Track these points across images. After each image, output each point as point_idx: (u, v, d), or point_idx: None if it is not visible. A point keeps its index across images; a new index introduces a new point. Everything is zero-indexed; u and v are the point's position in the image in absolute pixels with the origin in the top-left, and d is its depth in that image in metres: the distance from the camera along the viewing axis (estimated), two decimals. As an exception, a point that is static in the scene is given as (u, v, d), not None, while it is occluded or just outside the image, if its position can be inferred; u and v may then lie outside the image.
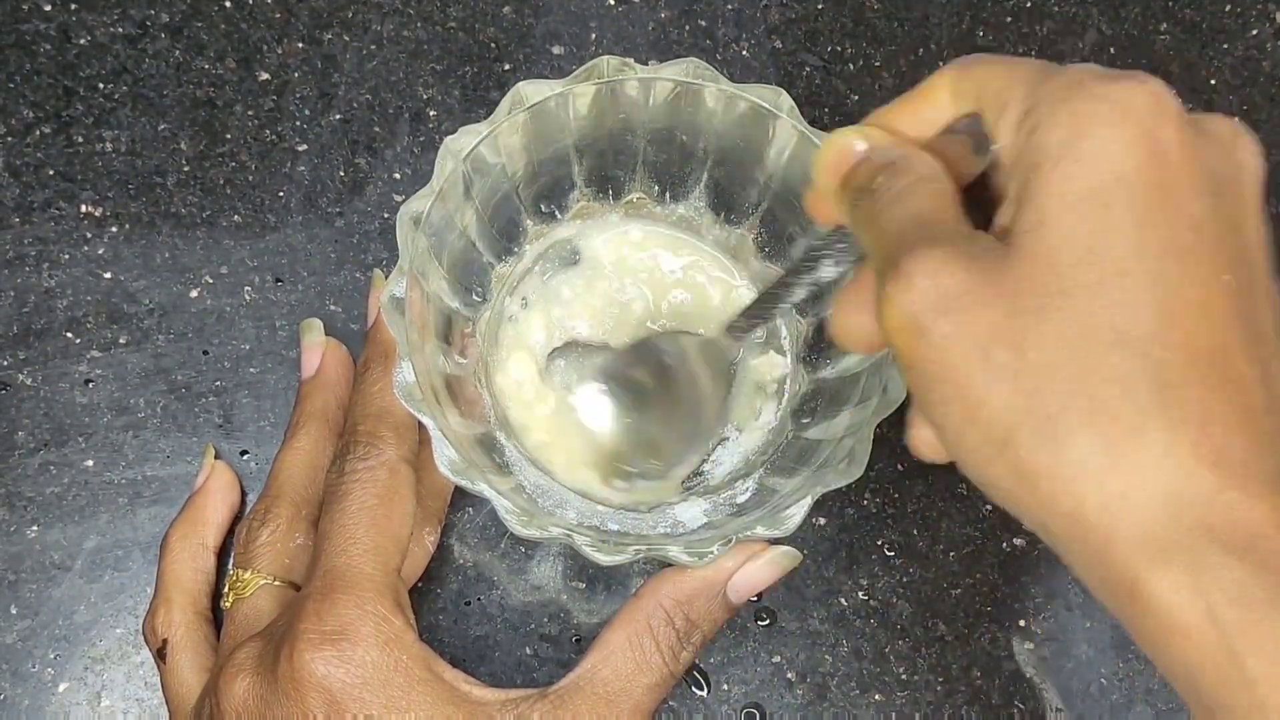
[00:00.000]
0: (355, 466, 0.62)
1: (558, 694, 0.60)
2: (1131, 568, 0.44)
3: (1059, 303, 0.45)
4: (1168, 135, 0.46)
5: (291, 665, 0.57)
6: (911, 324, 0.47)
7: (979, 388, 0.46)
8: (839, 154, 0.54)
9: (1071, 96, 0.47)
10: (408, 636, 0.59)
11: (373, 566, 0.60)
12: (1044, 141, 0.47)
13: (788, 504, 0.60)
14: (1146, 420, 0.44)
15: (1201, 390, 0.44)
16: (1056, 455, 0.45)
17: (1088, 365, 0.44)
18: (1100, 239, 0.45)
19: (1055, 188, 0.46)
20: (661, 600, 0.62)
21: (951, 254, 0.47)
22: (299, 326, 0.74)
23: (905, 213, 0.50)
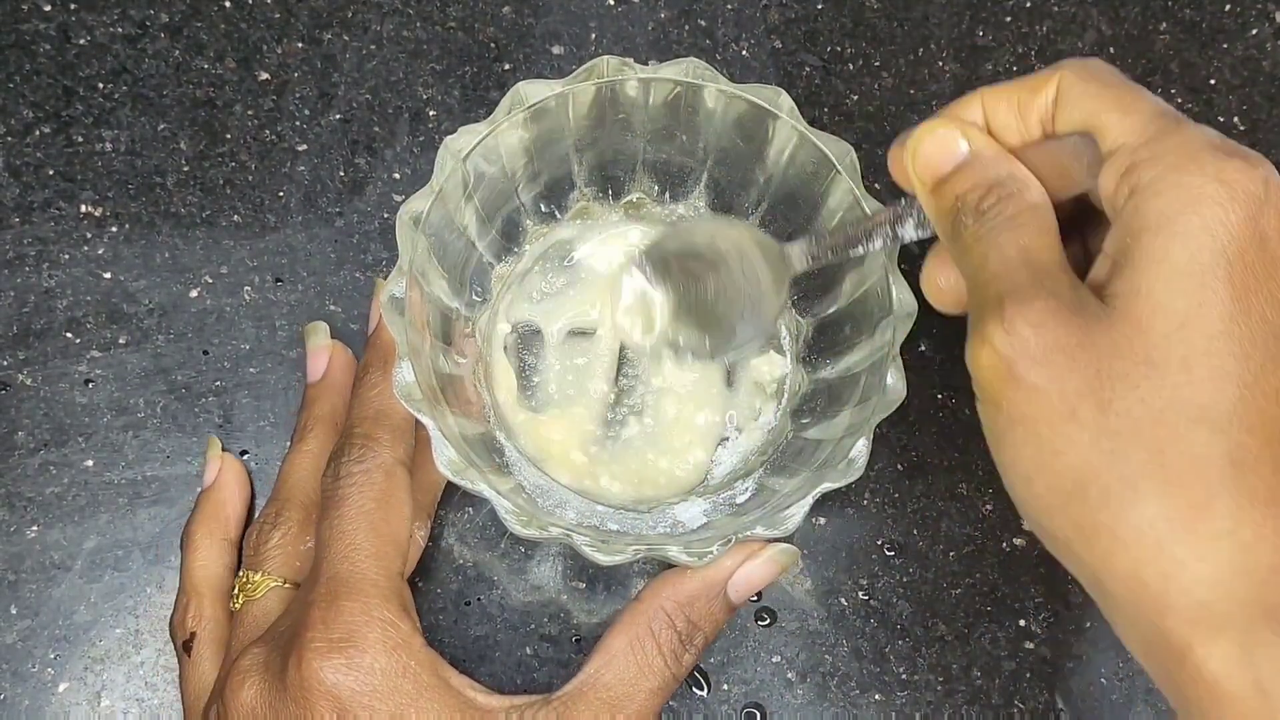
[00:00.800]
0: (351, 470, 0.62)
1: (561, 700, 0.60)
2: (1183, 634, 0.46)
3: (1147, 371, 0.46)
4: (1270, 223, 0.47)
5: (300, 674, 0.57)
6: (1007, 368, 0.49)
7: (1059, 439, 0.47)
8: (940, 149, 0.54)
9: (1184, 167, 0.47)
10: (415, 641, 0.59)
11: (376, 572, 0.60)
12: (1149, 208, 0.47)
13: (788, 504, 0.60)
14: (1216, 496, 0.45)
15: (1274, 472, 0.45)
16: (1122, 516, 0.46)
17: (1167, 436, 0.46)
18: (1194, 315, 0.46)
19: (1156, 258, 0.47)
20: (663, 603, 0.62)
21: (1056, 307, 0.48)
22: (304, 329, 0.74)
23: (1013, 246, 0.50)
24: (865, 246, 0.59)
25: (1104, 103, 0.51)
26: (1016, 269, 0.50)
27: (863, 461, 0.60)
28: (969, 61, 0.81)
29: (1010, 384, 0.49)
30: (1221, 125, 0.81)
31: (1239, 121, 0.81)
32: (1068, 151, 0.52)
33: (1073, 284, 0.49)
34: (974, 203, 0.52)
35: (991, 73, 0.80)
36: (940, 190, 0.54)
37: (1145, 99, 0.51)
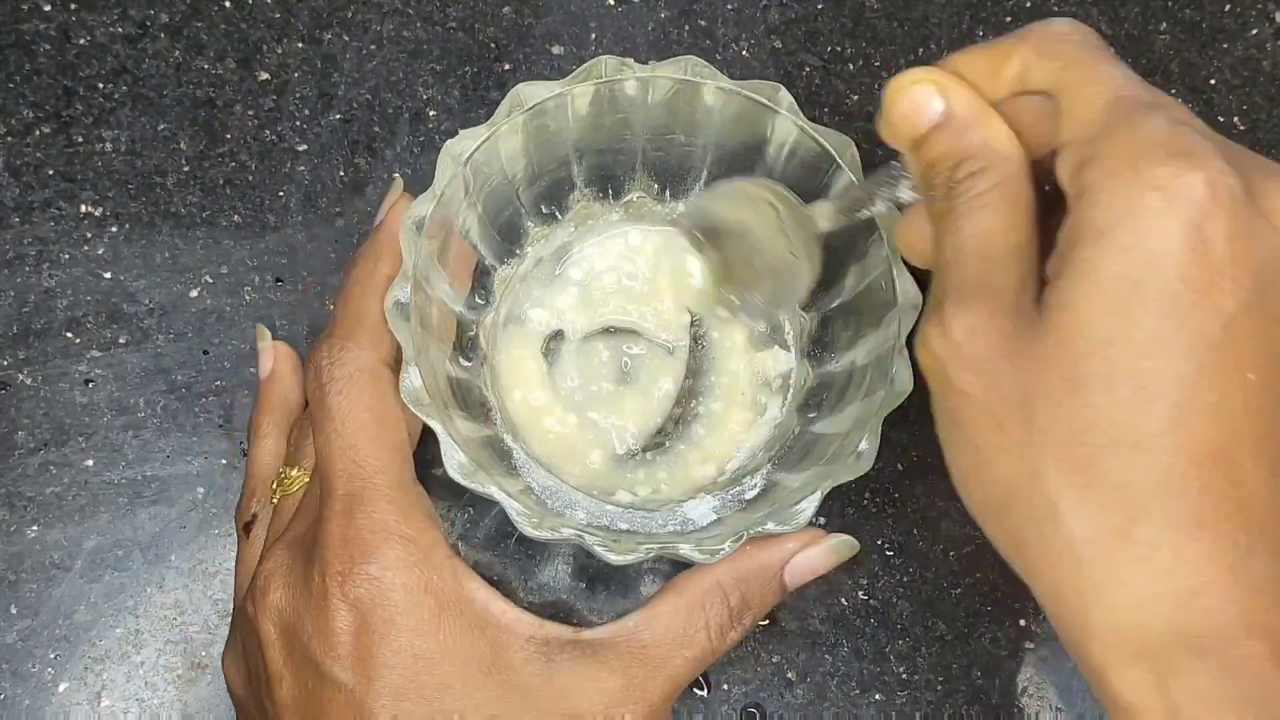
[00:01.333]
0: (334, 374, 0.62)
1: (591, 643, 0.61)
2: (1102, 659, 0.45)
3: (1070, 389, 0.45)
4: (1215, 229, 0.44)
5: (324, 585, 0.58)
6: (941, 369, 0.49)
7: (988, 449, 0.47)
8: (914, 107, 0.53)
9: (1122, 173, 0.46)
10: (437, 554, 0.60)
11: (389, 485, 0.60)
12: (1086, 218, 0.46)
13: (797, 499, 0.60)
14: (1137, 520, 0.44)
15: (1199, 494, 0.44)
16: (1045, 534, 0.46)
17: (1088, 457, 0.45)
18: (1120, 332, 0.45)
19: (1087, 271, 0.45)
20: (720, 577, 0.62)
21: (992, 312, 0.47)
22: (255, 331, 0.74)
23: (972, 232, 0.49)
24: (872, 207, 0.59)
25: (1063, 79, 0.50)
26: (968, 260, 0.49)
27: (871, 455, 0.60)
28: (969, 61, 0.81)
29: (944, 386, 0.49)
30: (1221, 125, 0.81)
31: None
32: (1036, 109, 0.51)
33: (1020, 280, 0.48)
34: (945, 174, 0.51)
35: (991, 73, 0.81)
36: (917, 151, 0.53)
37: (1101, 82, 0.49)
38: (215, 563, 0.73)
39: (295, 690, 0.59)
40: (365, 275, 0.64)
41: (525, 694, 0.59)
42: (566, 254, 0.72)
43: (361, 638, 0.58)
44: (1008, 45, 0.52)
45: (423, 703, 0.58)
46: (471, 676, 0.59)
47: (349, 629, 0.58)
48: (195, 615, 0.73)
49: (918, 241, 0.55)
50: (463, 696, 0.58)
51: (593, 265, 0.72)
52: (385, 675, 0.58)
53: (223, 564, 0.73)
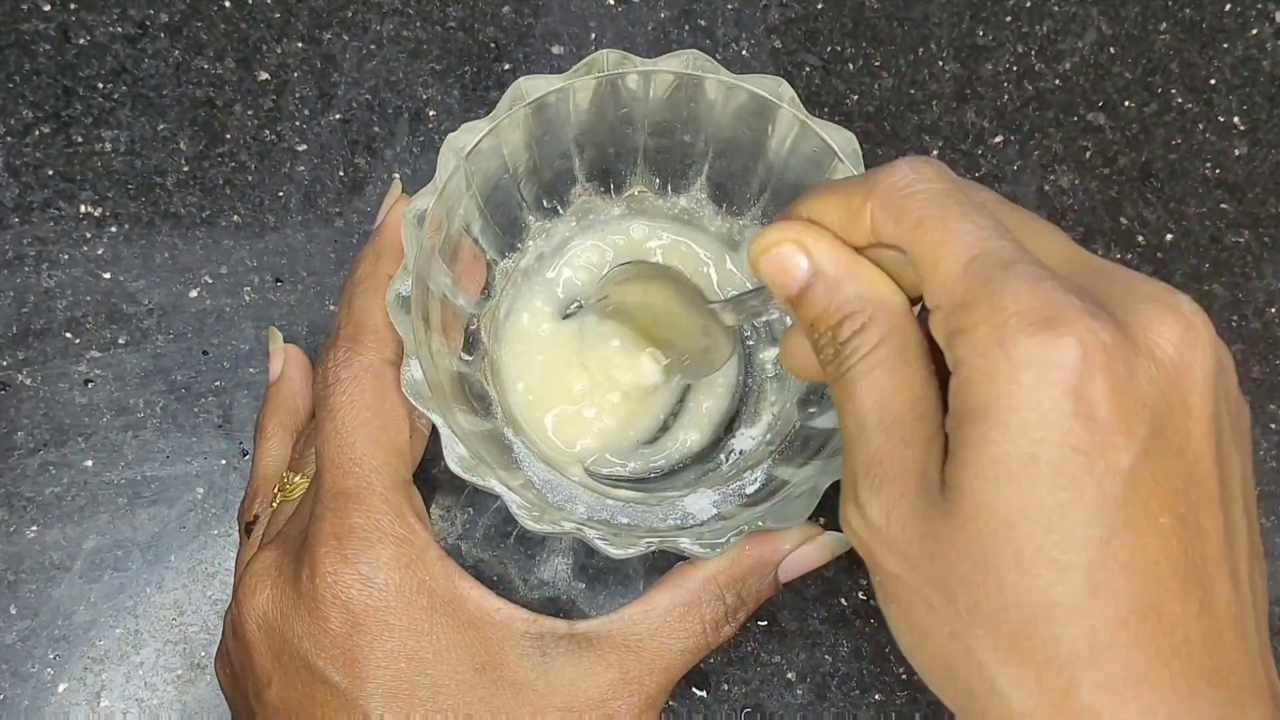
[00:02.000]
0: (339, 375, 0.62)
1: (585, 636, 0.61)
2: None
3: (984, 572, 0.44)
4: (1095, 390, 0.43)
5: (314, 585, 0.58)
6: (866, 549, 0.48)
7: (923, 627, 0.47)
8: (780, 269, 0.51)
9: (990, 353, 0.44)
10: (429, 554, 0.60)
11: (384, 484, 0.60)
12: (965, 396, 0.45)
13: (798, 493, 0.60)
14: (1074, 689, 0.44)
15: (1130, 651, 0.43)
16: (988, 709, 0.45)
17: (1015, 633, 0.44)
18: (1019, 511, 0.44)
19: (975, 452, 0.45)
20: (715, 575, 0.62)
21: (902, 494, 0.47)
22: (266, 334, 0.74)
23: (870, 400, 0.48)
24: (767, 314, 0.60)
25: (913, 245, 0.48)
26: (870, 434, 0.48)
27: None
28: (969, 61, 0.81)
29: (872, 564, 0.48)
30: (1221, 125, 0.81)
31: (1239, 121, 0.81)
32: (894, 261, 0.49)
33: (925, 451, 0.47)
34: (828, 334, 0.50)
35: (991, 73, 0.81)
36: (796, 309, 0.51)
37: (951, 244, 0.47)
38: (215, 563, 0.73)
39: (285, 691, 0.59)
40: (366, 276, 0.64)
41: (520, 690, 0.59)
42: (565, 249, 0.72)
43: (354, 638, 0.58)
44: (857, 195, 0.49)
45: (416, 703, 0.58)
46: (465, 675, 0.59)
47: (341, 629, 0.58)
48: (194, 615, 0.73)
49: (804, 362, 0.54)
50: (456, 695, 0.58)
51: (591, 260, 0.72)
52: (378, 676, 0.58)
53: (222, 564, 0.73)
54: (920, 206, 0.48)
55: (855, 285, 0.49)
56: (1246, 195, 0.80)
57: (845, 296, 0.49)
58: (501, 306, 0.70)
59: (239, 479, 0.74)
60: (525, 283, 0.71)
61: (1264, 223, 0.80)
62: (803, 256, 0.50)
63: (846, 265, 0.50)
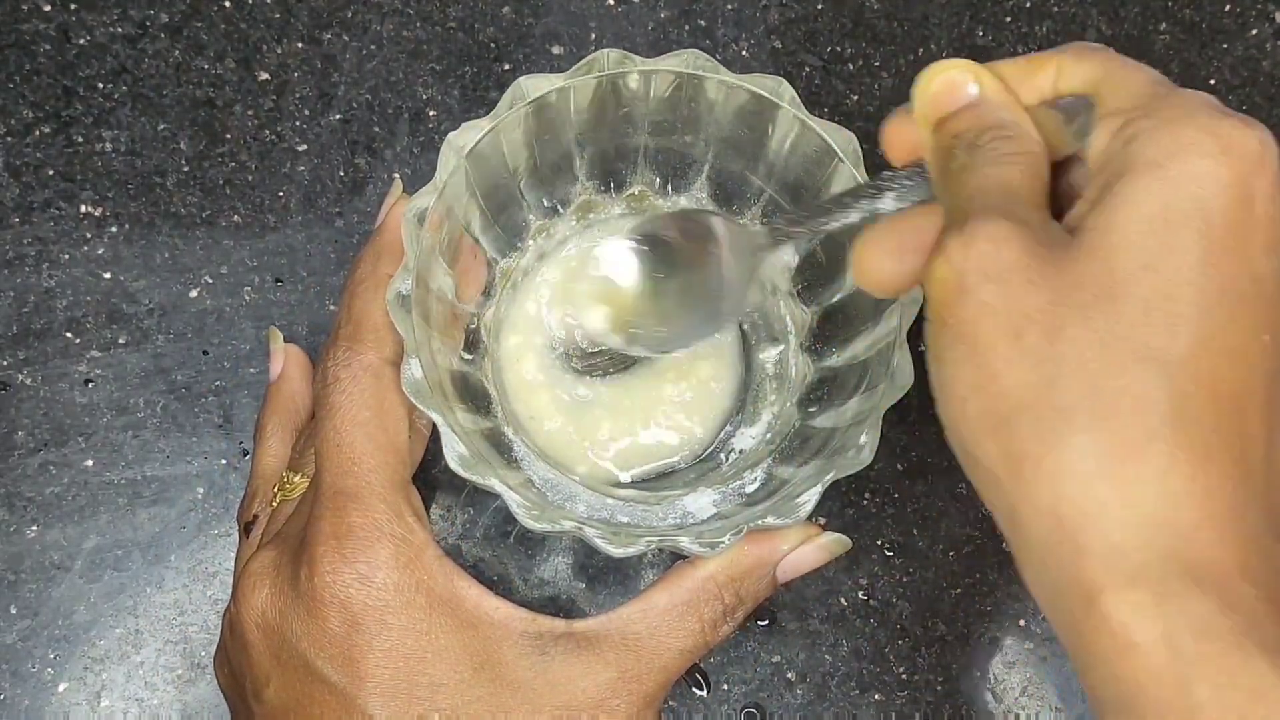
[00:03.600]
0: (339, 374, 0.62)
1: (584, 635, 0.61)
2: (1096, 578, 0.44)
3: (1104, 306, 0.45)
4: (1261, 186, 0.45)
5: (313, 584, 0.58)
6: (958, 281, 0.47)
7: (999, 360, 0.46)
8: (947, 88, 0.53)
9: (1179, 120, 0.46)
10: (428, 553, 0.60)
11: (382, 484, 0.60)
12: (1137, 153, 0.47)
13: (798, 492, 0.60)
14: (1150, 440, 0.44)
15: (1212, 430, 0.44)
16: (1052, 447, 0.45)
17: (1111, 369, 0.44)
18: (1161, 259, 0.45)
19: (1133, 198, 0.46)
20: (714, 574, 0.62)
21: (1021, 230, 0.47)
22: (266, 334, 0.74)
23: (996, 177, 0.49)
24: (841, 220, 0.58)
25: (1103, 73, 0.51)
26: (992, 193, 0.49)
27: (872, 449, 0.60)
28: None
29: (959, 298, 0.47)
30: (1221, 125, 0.81)
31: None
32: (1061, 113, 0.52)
33: (1045, 219, 0.48)
34: (970, 138, 0.51)
35: (991, 73, 0.81)
36: (941, 128, 0.53)
37: (1141, 71, 0.50)
38: (215, 563, 0.73)
39: (283, 691, 0.59)
40: (367, 276, 0.64)
41: (518, 689, 0.59)
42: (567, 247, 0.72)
43: (352, 638, 0.58)
44: (1043, 55, 0.53)
45: (415, 702, 0.58)
46: (464, 674, 0.59)
47: (339, 629, 0.58)
48: (195, 615, 0.73)
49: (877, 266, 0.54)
50: (455, 695, 0.58)
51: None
52: (377, 675, 0.58)
53: (222, 564, 0.73)
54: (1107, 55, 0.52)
55: (1015, 113, 0.52)
56: (1246, 195, 0.80)
57: (1000, 116, 0.52)
58: (502, 305, 0.70)
59: (239, 479, 0.74)
60: (525, 282, 0.71)
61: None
62: (974, 83, 0.53)
63: (1008, 99, 0.53)
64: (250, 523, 0.67)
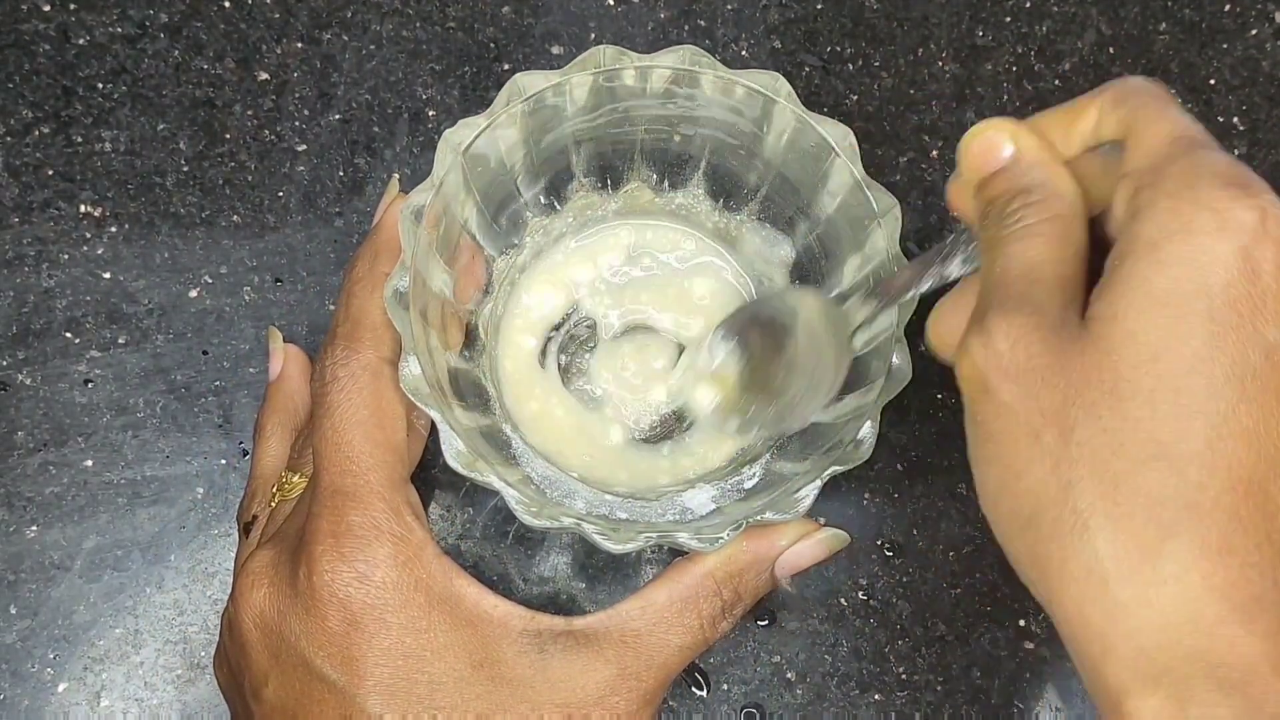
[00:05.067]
0: (337, 373, 0.62)
1: (583, 632, 0.61)
2: (1120, 683, 0.45)
3: (1112, 402, 0.45)
4: (1265, 256, 0.45)
5: (311, 583, 0.58)
6: (981, 379, 0.48)
7: (1021, 461, 0.47)
8: (985, 149, 0.53)
9: (1178, 194, 0.46)
10: (426, 552, 0.60)
11: (380, 483, 0.60)
12: (1139, 232, 0.46)
13: (797, 487, 0.60)
14: (1167, 539, 0.44)
15: (1230, 520, 0.44)
16: (1073, 550, 0.45)
17: (1124, 471, 0.44)
18: (1165, 347, 0.45)
19: (1135, 285, 0.46)
20: (713, 571, 0.62)
21: (1036, 324, 0.47)
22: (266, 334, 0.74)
23: (1021, 256, 0.50)
24: (917, 288, 0.58)
25: (1129, 126, 0.51)
26: (1014, 280, 0.49)
27: (870, 443, 0.60)
28: (969, 61, 0.81)
29: (984, 397, 0.48)
30: (1221, 125, 0.81)
31: (1239, 122, 0.81)
32: (1101, 164, 0.52)
33: (1065, 304, 0.48)
34: (1000, 207, 0.52)
35: (991, 73, 0.80)
36: (980, 192, 0.53)
37: (1166, 122, 0.50)
38: (214, 563, 0.73)
39: (282, 690, 0.59)
40: (364, 275, 0.64)
41: (518, 686, 0.59)
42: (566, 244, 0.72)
43: (351, 636, 0.58)
44: (1085, 99, 0.53)
45: (414, 700, 0.58)
46: (463, 672, 0.59)
47: (338, 628, 0.58)
48: (194, 615, 0.73)
49: (950, 333, 0.55)
50: (454, 693, 0.58)
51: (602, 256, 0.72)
52: (376, 674, 0.58)
53: (222, 564, 0.73)
54: (1143, 98, 0.51)
55: (1043, 172, 0.52)
56: (1246, 195, 0.80)
57: (1030, 178, 0.52)
58: (500, 302, 0.70)
59: (239, 479, 0.74)
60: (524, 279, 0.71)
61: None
62: (1010, 144, 0.53)
63: (1042, 157, 0.53)
64: (250, 523, 0.67)
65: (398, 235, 0.61)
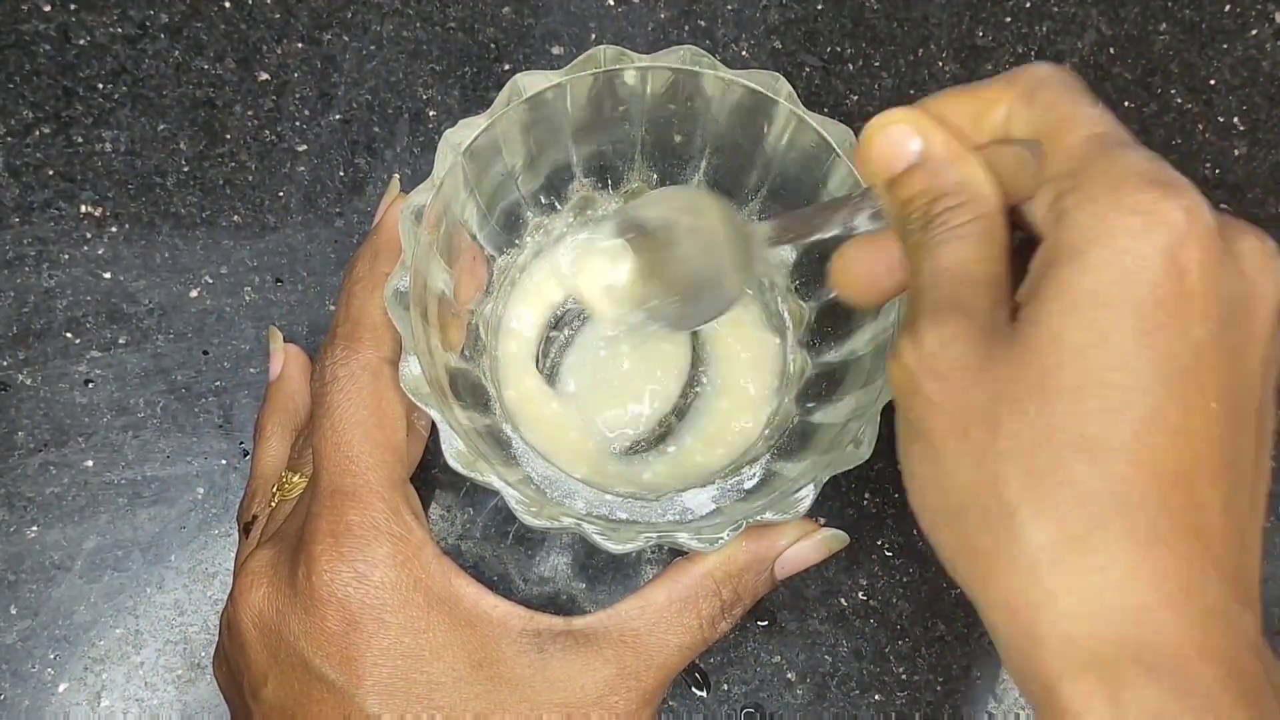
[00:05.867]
0: (337, 373, 0.62)
1: (582, 632, 0.61)
2: (1051, 670, 0.45)
3: (1039, 399, 0.45)
4: (1191, 255, 0.45)
5: (310, 583, 0.58)
6: (910, 381, 0.48)
7: (949, 457, 0.47)
8: (891, 147, 0.52)
9: (1101, 197, 0.46)
10: (426, 552, 0.60)
11: (379, 483, 0.60)
12: (1064, 238, 0.47)
13: (796, 488, 0.60)
14: (1095, 530, 0.44)
15: (1158, 511, 0.44)
16: (999, 541, 0.46)
17: (1049, 464, 0.45)
18: (1092, 347, 0.45)
19: (1061, 288, 0.46)
20: (712, 571, 0.62)
21: (966, 327, 0.47)
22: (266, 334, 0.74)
23: (949, 260, 0.50)
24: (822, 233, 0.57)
25: (1045, 122, 0.50)
26: (943, 284, 0.49)
27: (870, 444, 0.60)
28: (969, 62, 0.81)
29: (913, 397, 0.49)
30: (1221, 125, 0.81)
31: (1239, 122, 0.81)
32: (1015, 157, 0.51)
33: (994, 304, 0.49)
34: (921, 210, 0.51)
35: (991, 73, 0.80)
36: (893, 190, 0.53)
37: (1083, 122, 0.49)
38: (215, 563, 0.73)
39: (281, 690, 0.59)
40: (364, 275, 0.64)
41: (517, 686, 0.59)
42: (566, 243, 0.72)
43: (350, 636, 0.58)
44: (994, 91, 0.52)
45: (412, 700, 0.58)
46: (462, 672, 0.59)
47: (337, 627, 0.58)
48: (195, 616, 0.73)
49: (855, 276, 0.55)
50: (453, 692, 0.58)
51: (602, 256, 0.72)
52: (374, 674, 0.57)
53: (222, 564, 0.73)
54: (1056, 92, 0.51)
55: (959, 171, 0.51)
56: (1246, 195, 0.80)
57: (946, 179, 0.51)
58: (500, 302, 0.70)
59: (239, 479, 0.74)
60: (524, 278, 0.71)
61: (1264, 223, 0.79)
62: (916, 139, 0.52)
63: (955, 153, 0.52)
64: (250, 523, 0.67)
65: (398, 235, 0.61)
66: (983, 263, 0.49)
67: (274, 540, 0.62)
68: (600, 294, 0.66)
